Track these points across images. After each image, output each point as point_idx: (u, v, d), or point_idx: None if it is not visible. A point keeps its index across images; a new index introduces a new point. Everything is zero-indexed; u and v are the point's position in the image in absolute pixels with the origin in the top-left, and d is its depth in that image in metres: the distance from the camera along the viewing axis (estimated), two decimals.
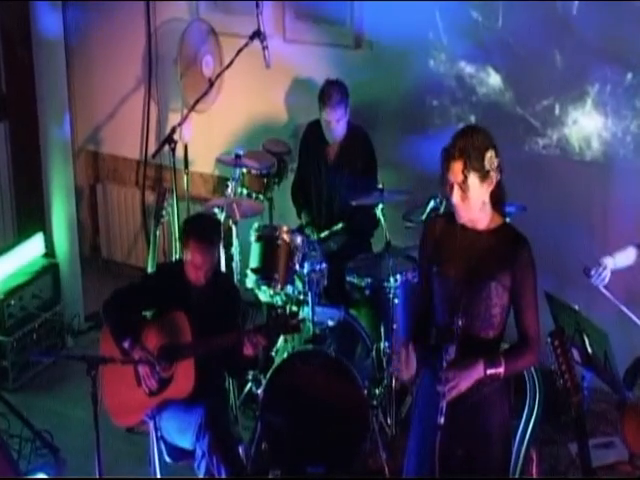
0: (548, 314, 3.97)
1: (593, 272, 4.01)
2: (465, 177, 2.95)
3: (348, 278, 4.60)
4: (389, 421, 4.45)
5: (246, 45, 5.08)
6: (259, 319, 5.04)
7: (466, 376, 3.01)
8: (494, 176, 3.01)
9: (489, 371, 3.02)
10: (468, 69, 5.10)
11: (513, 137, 4.99)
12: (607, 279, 4.00)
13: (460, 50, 5.09)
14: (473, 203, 3.00)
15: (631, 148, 4.80)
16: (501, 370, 3.03)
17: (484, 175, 2.97)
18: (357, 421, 4.21)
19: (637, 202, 4.72)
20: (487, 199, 3.04)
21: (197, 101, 5.17)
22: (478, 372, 3.02)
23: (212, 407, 3.94)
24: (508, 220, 3.20)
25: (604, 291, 3.97)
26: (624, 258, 4.12)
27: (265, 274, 4.53)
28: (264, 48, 5.06)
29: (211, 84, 5.24)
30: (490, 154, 2.98)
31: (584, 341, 3.89)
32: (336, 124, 4.88)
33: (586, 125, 4.88)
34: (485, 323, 3.05)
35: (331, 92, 4.84)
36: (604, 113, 4.83)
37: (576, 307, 3.92)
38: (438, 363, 3.05)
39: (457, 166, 2.96)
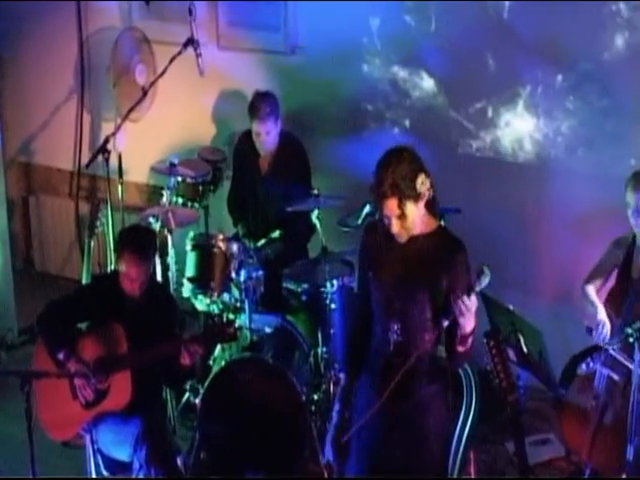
0: (484, 315, 3.99)
1: (594, 333, 3.96)
2: (402, 210, 2.97)
3: (285, 284, 4.62)
4: (328, 426, 4.44)
5: (179, 53, 5.08)
6: (196, 328, 5.02)
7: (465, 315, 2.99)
8: (428, 194, 3.02)
9: (470, 337, 3.03)
10: (402, 73, 5.17)
11: (447, 140, 5.07)
12: (609, 335, 3.96)
13: (394, 55, 5.16)
14: (412, 225, 3.04)
15: (562, 149, 4.89)
16: (470, 344, 3.05)
17: (418, 198, 2.99)
18: (296, 427, 4.23)
19: (569, 202, 4.80)
20: (423, 211, 3.08)
21: (131, 110, 5.16)
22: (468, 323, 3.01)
23: (149, 418, 3.93)
24: (442, 223, 3.23)
25: (613, 353, 3.83)
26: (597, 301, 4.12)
27: (201, 283, 4.53)
28: (198, 55, 5.08)
29: (145, 93, 5.23)
30: (421, 179, 2.97)
31: (519, 340, 3.93)
32: (266, 136, 4.91)
33: (518, 127, 4.96)
34: (420, 326, 3.08)
35: (260, 105, 4.86)
36: (536, 114, 4.91)
37: (511, 307, 3.97)
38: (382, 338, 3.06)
39: (392, 203, 2.97)
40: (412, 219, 3.00)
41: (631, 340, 3.50)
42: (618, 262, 4.15)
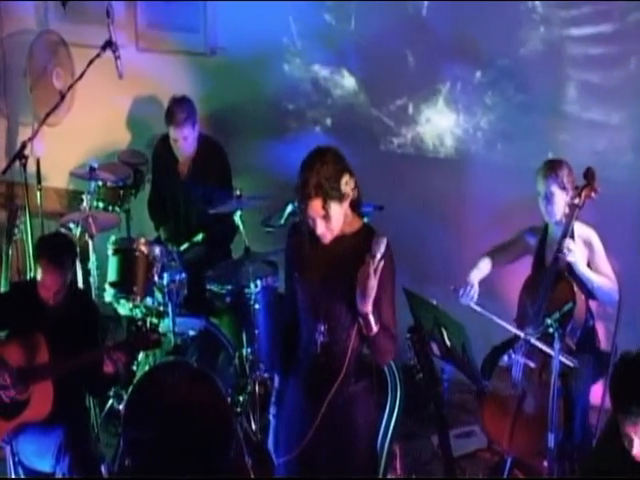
0: (407, 310, 3.97)
1: (461, 292, 4.13)
2: (326, 211, 2.97)
3: (208, 286, 4.60)
4: (254, 427, 4.48)
5: (98, 56, 5.02)
6: (120, 333, 4.99)
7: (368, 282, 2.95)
8: (352, 194, 3.03)
9: (372, 317, 2.98)
10: (323, 72, 5.20)
11: (369, 138, 5.11)
12: (476, 295, 4.12)
13: (314, 54, 5.18)
14: (336, 226, 3.04)
15: (482, 143, 4.97)
16: (375, 329, 3.00)
17: (343, 198, 2.99)
18: (221, 429, 4.21)
19: (490, 196, 4.87)
20: (347, 211, 3.09)
21: (48, 114, 5.08)
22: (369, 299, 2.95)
23: (71, 427, 3.89)
24: (366, 220, 3.24)
25: (476, 307, 4.07)
26: (486, 268, 4.27)
27: (123, 287, 4.49)
28: (116, 58, 5.02)
29: (62, 96, 5.15)
30: (345, 179, 2.97)
31: (443, 335, 3.91)
32: (184, 142, 4.89)
33: (439, 123, 5.03)
34: (346, 327, 3.07)
35: (176, 110, 4.83)
36: (456, 110, 4.98)
37: (434, 302, 3.96)
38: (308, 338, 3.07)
39: (316, 204, 2.96)
40: (336, 219, 3.01)
41: (551, 330, 3.56)
42: (529, 249, 4.27)
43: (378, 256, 2.94)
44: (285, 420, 3.27)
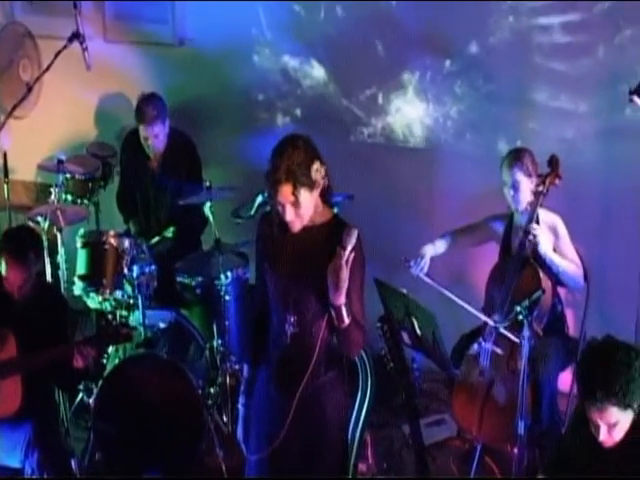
0: (378, 300, 4.04)
1: (412, 263, 4.17)
2: (296, 197, 2.96)
3: (178, 278, 4.58)
4: (225, 419, 4.47)
5: (65, 47, 4.97)
6: (89, 327, 4.96)
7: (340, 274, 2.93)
8: (323, 182, 3.02)
9: (344, 308, 2.96)
10: (292, 63, 5.19)
11: (339, 128, 5.11)
12: (426, 267, 4.17)
13: (284, 45, 5.17)
14: (306, 213, 3.03)
15: (451, 133, 4.98)
16: (347, 320, 2.99)
17: (313, 186, 2.99)
18: (192, 422, 4.20)
19: (459, 185, 4.89)
20: (317, 200, 3.07)
21: (15, 107, 5.03)
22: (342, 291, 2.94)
23: (40, 421, 3.86)
24: (336, 210, 3.23)
25: (425, 278, 4.14)
26: (442, 245, 4.33)
27: (93, 280, 4.44)
28: (84, 50, 4.97)
29: (29, 89, 5.09)
30: (316, 165, 2.97)
31: (413, 324, 3.99)
32: (155, 139, 4.86)
33: (409, 112, 5.03)
34: (316, 317, 3.06)
35: (146, 108, 4.80)
36: (425, 100, 4.99)
37: (404, 291, 4.00)
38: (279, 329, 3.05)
39: (286, 189, 2.95)
40: (306, 207, 3.00)
41: (520, 318, 3.58)
42: (494, 236, 4.29)
43: (349, 248, 2.93)
44: (255, 412, 3.26)
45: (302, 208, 2.99)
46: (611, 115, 4.64)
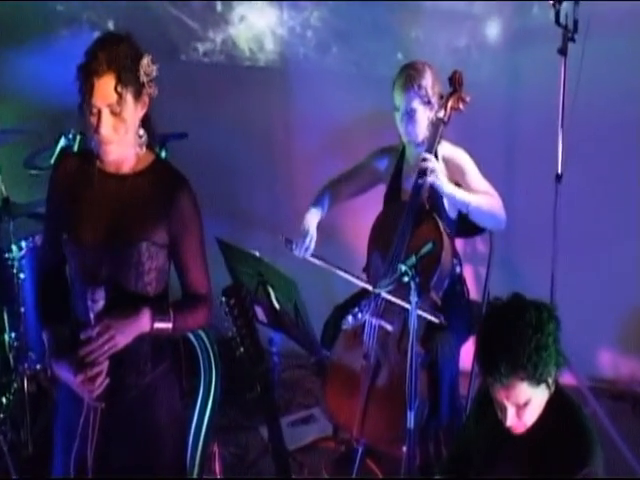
0: (222, 267, 4.05)
1: (294, 246, 4.09)
2: (120, 96, 2.87)
3: None
4: (23, 437, 4.33)
5: None
6: None
7: (126, 328, 2.93)
8: (150, 92, 2.97)
9: (157, 325, 2.98)
10: None
11: (165, 45, 5.07)
12: (313, 244, 4.09)
13: None
14: (128, 131, 2.91)
15: (313, 46, 4.98)
16: (170, 325, 3.00)
17: (139, 91, 2.92)
18: None
19: (325, 113, 4.91)
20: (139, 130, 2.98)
21: None
22: (143, 324, 2.96)
23: None
24: (164, 155, 3.20)
25: (313, 259, 4.09)
26: (324, 207, 4.23)
27: None
28: None
29: None
30: (146, 60, 2.96)
31: (269, 295, 3.99)
32: None
33: (256, 22, 5.03)
34: (137, 295, 3.00)
35: None
36: (278, 5, 4.98)
37: (257, 254, 4.00)
38: (85, 312, 2.92)
39: (106, 83, 2.86)
40: (130, 122, 2.88)
41: (406, 279, 3.52)
42: (380, 177, 4.23)
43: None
44: (61, 424, 3.10)
45: (122, 120, 2.86)
46: (514, 16, 4.64)
